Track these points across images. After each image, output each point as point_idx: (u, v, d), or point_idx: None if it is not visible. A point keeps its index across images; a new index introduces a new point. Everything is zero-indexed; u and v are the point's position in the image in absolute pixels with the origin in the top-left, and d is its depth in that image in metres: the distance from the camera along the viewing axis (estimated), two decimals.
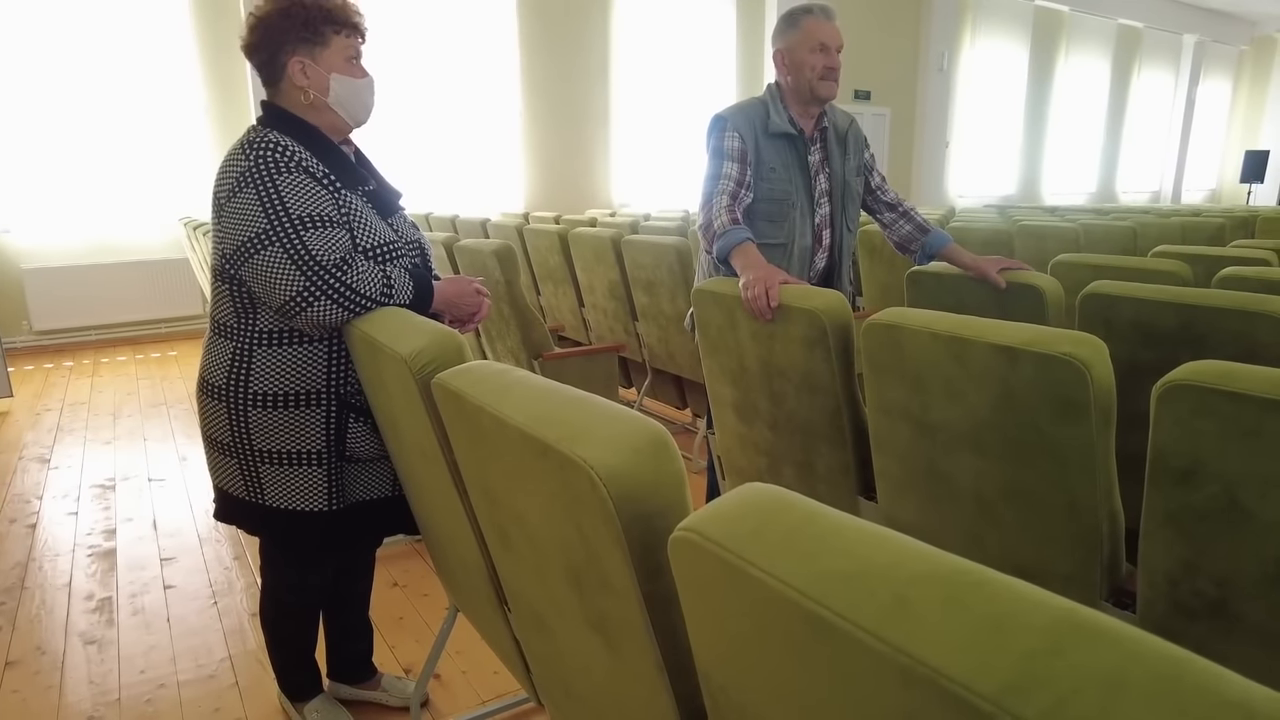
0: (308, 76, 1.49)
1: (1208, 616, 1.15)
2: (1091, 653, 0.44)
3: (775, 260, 2.28)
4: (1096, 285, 1.86)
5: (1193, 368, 1.12)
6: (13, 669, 2.10)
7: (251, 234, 1.41)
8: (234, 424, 1.55)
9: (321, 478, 1.57)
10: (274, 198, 1.41)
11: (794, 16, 2.23)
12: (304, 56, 1.48)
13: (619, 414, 0.82)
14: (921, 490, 1.55)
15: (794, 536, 0.56)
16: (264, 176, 1.42)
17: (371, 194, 1.59)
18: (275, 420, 1.54)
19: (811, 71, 2.18)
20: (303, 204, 1.43)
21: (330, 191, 1.48)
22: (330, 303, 1.41)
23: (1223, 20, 14.87)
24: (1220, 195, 16.50)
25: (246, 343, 1.52)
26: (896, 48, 10.71)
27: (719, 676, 0.65)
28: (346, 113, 1.55)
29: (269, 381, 1.52)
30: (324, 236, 1.43)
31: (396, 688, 1.94)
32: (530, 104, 7.99)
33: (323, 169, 1.49)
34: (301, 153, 1.48)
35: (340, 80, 1.51)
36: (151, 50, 6.07)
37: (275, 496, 1.57)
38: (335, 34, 1.50)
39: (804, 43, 2.19)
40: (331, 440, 1.56)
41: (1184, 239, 4.59)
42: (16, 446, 3.87)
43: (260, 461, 1.56)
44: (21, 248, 5.82)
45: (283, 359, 1.52)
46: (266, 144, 1.45)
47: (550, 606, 1.03)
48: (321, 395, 1.55)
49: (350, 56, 1.53)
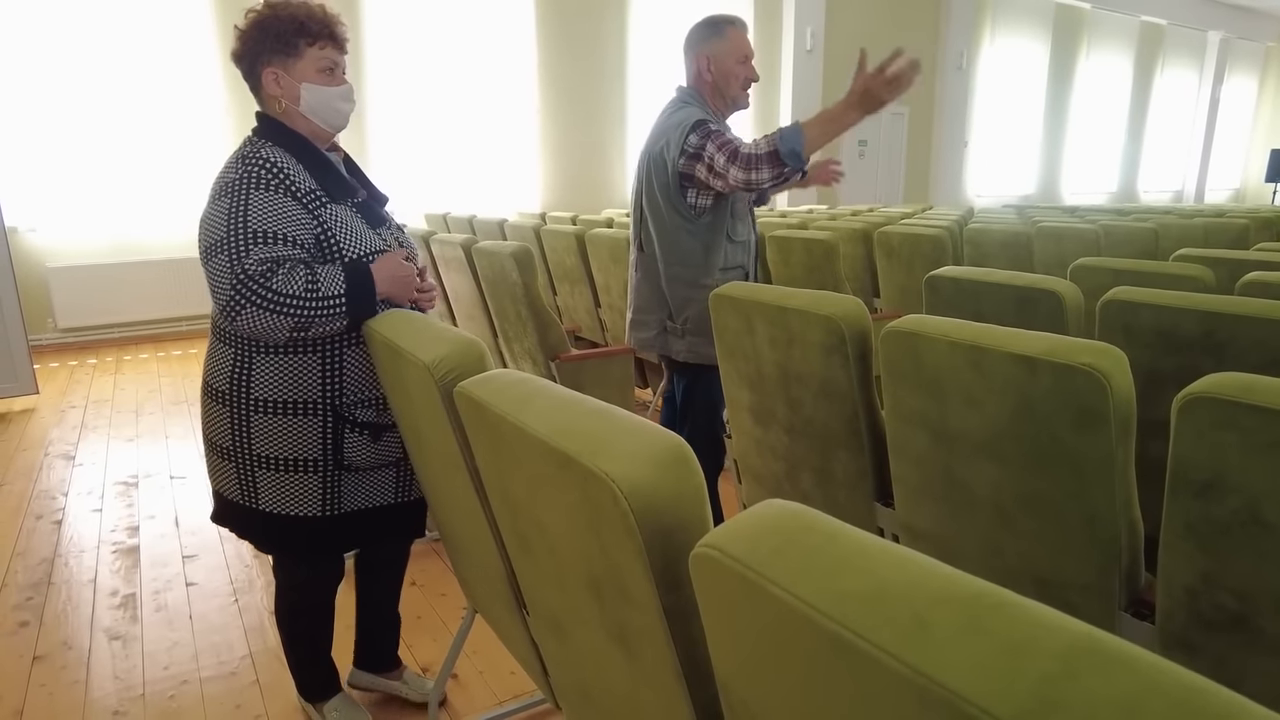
0: (280, 86, 1.56)
1: (1228, 630, 1.15)
2: (1109, 679, 0.44)
3: (738, 258, 2.34)
4: (1117, 292, 1.85)
5: (1214, 380, 1.12)
6: (40, 664, 2.14)
7: (211, 240, 1.48)
8: (235, 428, 1.58)
9: (317, 484, 1.60)
10: (240, 211, 1.47)
11: (718, 25, 2.28)
12: (277, 67, 1.55)
13: (640, 426, 0.83)
14: (939, 498, 1.55)
15: (815, 555, 0.57)
16: (241, 190, 1.49)
17: (362, 205, 1.65)
18: (275, 426, 1.57)
19: (736, 81, 2.25)
20: (263, 221, 1.48)
21: (310, 209, 1.53)
22: (255, 309, 1.44)
23: (1249, 16, 14.67)
24: (1244, 194, 16.29)
25: (245, 350, 1.56)
26: (915, 46, 10.62)
27: (739, 690, 0.66)
28: (320, 119, 1.59)
29: (269, 388, 1.56)
30: (265, 251, 1.46)
31: (416, 683, 1.97)
32: (547, 104, 8.01)
33: (310, 184, 1.55)
34: (289, 169, 1.53)
35: (310, 89, 1.56)
36: (173, 52, 6.14)
37: (269, 501, 1.61)
38: (309, 45, 1.55)
39: (731, 53, 2.24)
40: (329, 449, 1.60)
41: (1207, 241, 4.54)
42: (42, 443, 3.93)
43: (257, 466, 1.59)
44: (47, 247, 5.90)
45: (280, 367, 1.56)
46: (257, 159, 1.52)
47: (569, 613, 1.04)
48: (317, 405, 1.58)
49: (324, 67, 1.57)
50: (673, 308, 2.33)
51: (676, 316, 2.32)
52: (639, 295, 2.42)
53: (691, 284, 2.28)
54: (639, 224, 2.37)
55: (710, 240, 2.27)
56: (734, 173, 2.06)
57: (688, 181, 2.20)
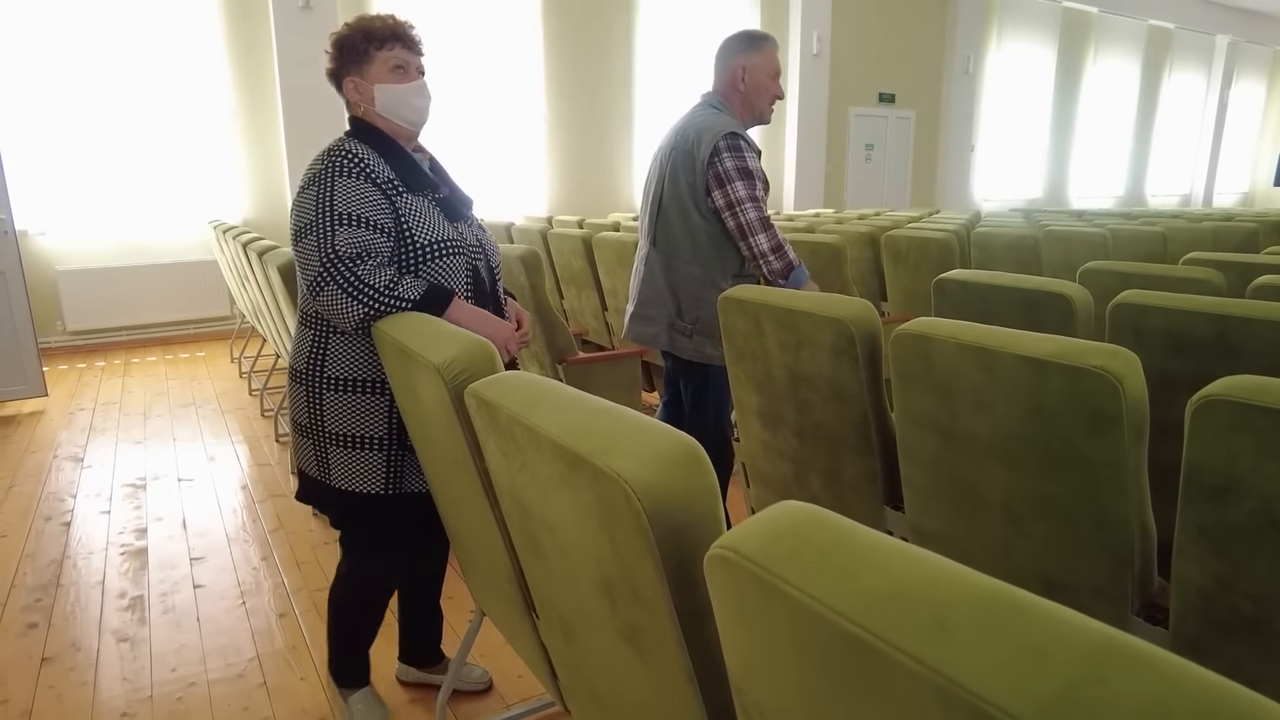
0: (359, 92, 1.68)
1: (1243, 635, 1.14)
2: (1134, 681, 0.44)
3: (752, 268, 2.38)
4: (1127, 295, 1.84)
5: (1229, 382, 1.11)
6: (49, 665, 2.14)
7: (302, 223, 1.58)
8: (311, 406, 1.68)
9: (381, 462, 1.68)
10: (327, 195, 1.58)
11: (755, 39, 2.33)
12: (355, 76, 1.68)
13: (651, 426, 0.82)
14: (949, 500, 1.54)
15: (831, 556, 0.57)
16: (326, 177, 1.59)
17: (442, 200, 1.73)
18: (345, 404, 1.66)
19: (767, 96, 2.29)
20: (347, 204, 1.58)
21: (388, 196, 1.62)
22: (337, 289, 1.53)
23: (1257, 20, 14.62)
24: (1253, 199, 16.22)
25: (323, 331, 1.66)
26: (921, 50, 10.63)
27: (753, 693, 0.66)
28: (397, 117, 1.69)
29: (341, 367, 1.65)
30: (351, 234, 1.56)
31: (463, 673, 2.00)
32: (554, 108, 8.03)
33: (389, 174, 1.64)
34: (370, 160, 1.63)
35: (383, 89, 1.67)
36: (181, 55, 6.17)
37: (340, 477, 1.69)
38: (377, 50, 1.66)
39: (765, 67, 2.30)
40: (393, 427, 1.67)
41: (1215, 244, 4.52)
42: (51, 445, 3.94)
43: (330, 443, 1.68)
44: (56, 250, 5.93)
45: (351, 347, 1.65)
46: (340, 151, 1.63)
47: (580, 615, 1.04)
48: (382, 384, 1.66)
49: (395, 66, 1.67)
50: (683, 306, 2.33)
51: (686, 315, 2.32)
52: (645, 289, 2.42)
53: (706, 284, 2.28)
54: (654, 219, 2.37)
55: (730, 245, 2.29)
56: (762, 241, 2.23)
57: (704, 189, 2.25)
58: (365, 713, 1.85)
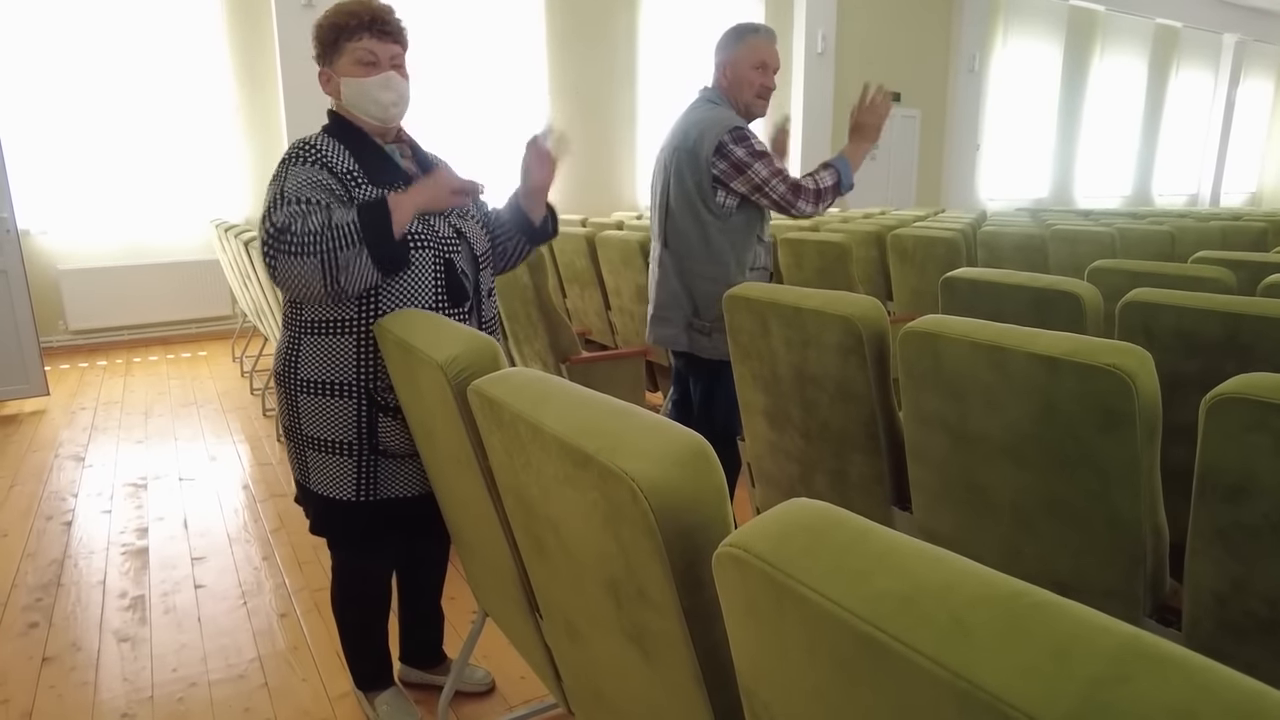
0: (329, 85, 1.65)
1: (1259, 637, 1.12)
2: (1160, 682, 0.42)
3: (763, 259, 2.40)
4: (1137, 293, 1.82)
5: (1244, 380, 1.09)
6: (49, 665, 2.13)
7: (264, 210, 1.56)
8: (288, 408, 1.66)
9: (351, 468, 1.64)
10: (280, 184, 1.56)
11: (740, 32, 2.33)
12: (327, 68, 1.64)
13: (659, 425, 0.81)
14: (958, 501, 1.52)
15: (845, 555, 0.55)
16: (283, 169, 1.58)
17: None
18: (317, 406, 1.63)
19: (750, 88, 2.28)
20: (296, 190, 1.54)
21: (346, 186, 1.58)
22: (285, 256, 1.46)
23: (1265, 19, 14.56)
24: (1261, 198, 16.16)
25: (297, 332, 1.64)
26: (927, 49, 10.61)
27: (763, 694, 0.64)
28: (361, 111, 1.63)
29: (312, 369, 1.62)
30: (292, 210, 1.51)
31: (465, 674, 1.98)
32: (557, 106, 8.01)
33: (351, 165, 1.60)
34: (331, 151, 1.59)
35: (348, 83, 1.62)
36: (183, 54, 6.17)
37: (317, 481, 1.67)
38: (346, 41, 1.60)
39: (747, 58, 2.28)
40: (363, 432, 1.63)
41: (1224, 244, 4.50)
42: (53, 444, 3.94)
43: (307, 446, 1.66)
44: (58, 249, 5.93)
45: (321, 348, 1.62)
46: (300, 143, 1.61)
47: (585, 616, 1.02)
48: (352, 387, 1.62)
49: (360, 59, 1.60)
50: (699, 305, 2.32)
51: (704, 314, 2.31)
52: (661, 291, 2.40)
53: (719, 281, 2.26)
54: (663, 220, 2.36)
55: (741, 240, 2.28)
56: (802, 205, 2.22)
57: (718, 184, 2.23)
58: (392, 714, 1.83)
